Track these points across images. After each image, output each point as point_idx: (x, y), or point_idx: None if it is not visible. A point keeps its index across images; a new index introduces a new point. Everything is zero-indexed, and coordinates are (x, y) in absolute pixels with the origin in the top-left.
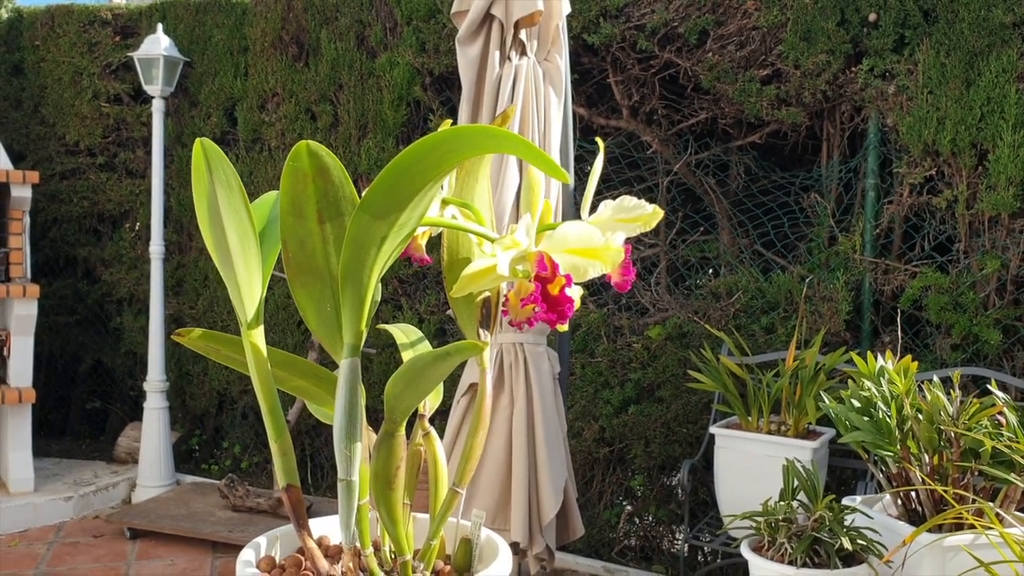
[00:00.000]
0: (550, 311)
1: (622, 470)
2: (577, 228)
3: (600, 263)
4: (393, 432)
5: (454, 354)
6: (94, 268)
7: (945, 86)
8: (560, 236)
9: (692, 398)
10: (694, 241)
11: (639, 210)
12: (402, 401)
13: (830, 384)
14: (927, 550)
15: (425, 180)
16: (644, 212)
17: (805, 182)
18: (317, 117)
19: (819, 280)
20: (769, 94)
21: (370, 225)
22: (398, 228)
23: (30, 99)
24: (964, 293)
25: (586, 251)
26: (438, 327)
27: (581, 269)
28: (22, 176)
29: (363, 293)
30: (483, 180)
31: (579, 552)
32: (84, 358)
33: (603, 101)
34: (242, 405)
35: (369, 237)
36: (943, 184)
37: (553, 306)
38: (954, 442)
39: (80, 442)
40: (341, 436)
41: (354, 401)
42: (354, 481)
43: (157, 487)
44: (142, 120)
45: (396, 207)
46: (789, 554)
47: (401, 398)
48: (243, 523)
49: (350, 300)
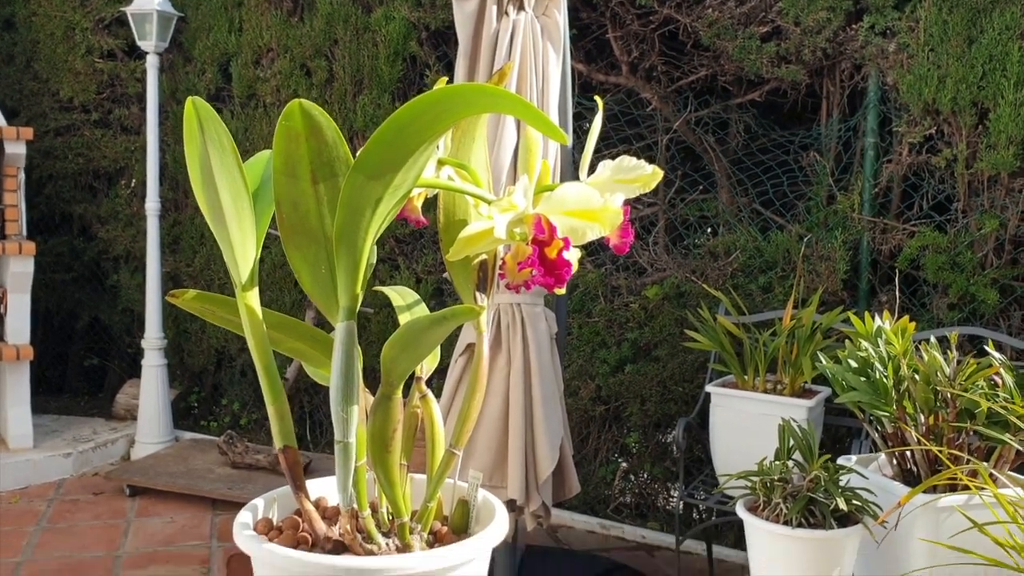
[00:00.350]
0: (547, 275)
1: (618, 428)
2: (576, 189)
3: (599, 225)
4: (390, 395)
5: (450, 319)
6: (90, 225)
7: (947, 43)
8: (558, 198)
9: (688, 357)
10: (693, 200)
11: (638, 170)
12: (399, 365)
13: (827, 343)
14: (921, 510)
15: (420, 140)
16: (643, 173)
17: (804, 141)
18: (312, 73)
19: (817, 239)
20: (769, 51)
21: (364, 186)
22: (393, 189)
23: (22, 54)
24: (962, 252)
25: (584, 213)
26: (435, 287)
27: (579, 231)
28: (16, 132)
29: (358, 256)
30: (480, 140)
31: (575, 509)
32: (81, 315)
33: (602, 57)
34: (240, 363)
35: (364, 199)
36: (943, 143)
37: (550, 269)
38: (950, 402)
39: (78, 399)
40: (338, 399)
41: (350, 364)
42: (351, 443)
43: (156, 444)
44: (136, 76)
45: (391, 168)
46: (784, 514)
47: (397, 362)
48: (242, 480)
49: (345, 263)
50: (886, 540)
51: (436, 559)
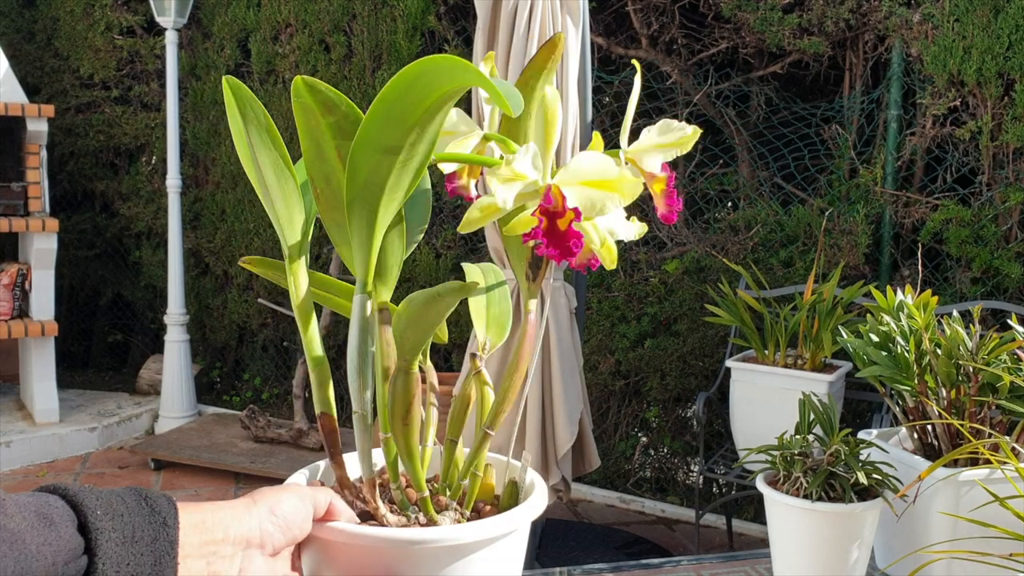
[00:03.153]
0: (553, 246)
1: (637, 402)
2: (591, 158)
3: (618, 195)
4: (406, 369)
5: (445, 295)
6: (112, 202)
7: (972, 14)
8: (574, 168)
9: (708, 332)
10: (713, 174)
11: (680, 132)
12: (407, 340)
13: (848, 318)
14: (942, 484)
15: (416, 116)
16: (684, 135)
17: (826, 113)
18: (331, 48)
19: (839, 213)
20: (791, 23)
21: (371, 161)
22: (400, 164)
23: (43, 31)
24: (986, 226)
25: (602, 183)
26: (455, 262)
27: (598, 203)
28: (37, 110)
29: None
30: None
31: (595, 483)
32: (104, 291)
33: (622, 30)
34: (262, 338)
35: (373, 171)
36: (967, 115)
37: (558, 241)
38: (972, 376)
39: (103, 374)
40: (353, 371)
41: (363, 338)
42: (367, 413)
43: (179, 418)
44: (156, 52)
45: (393, 144)
46: (804, 488)
47: (406, 337)
48: (264, 454)
49: (358, 237)
50: (906, 514)
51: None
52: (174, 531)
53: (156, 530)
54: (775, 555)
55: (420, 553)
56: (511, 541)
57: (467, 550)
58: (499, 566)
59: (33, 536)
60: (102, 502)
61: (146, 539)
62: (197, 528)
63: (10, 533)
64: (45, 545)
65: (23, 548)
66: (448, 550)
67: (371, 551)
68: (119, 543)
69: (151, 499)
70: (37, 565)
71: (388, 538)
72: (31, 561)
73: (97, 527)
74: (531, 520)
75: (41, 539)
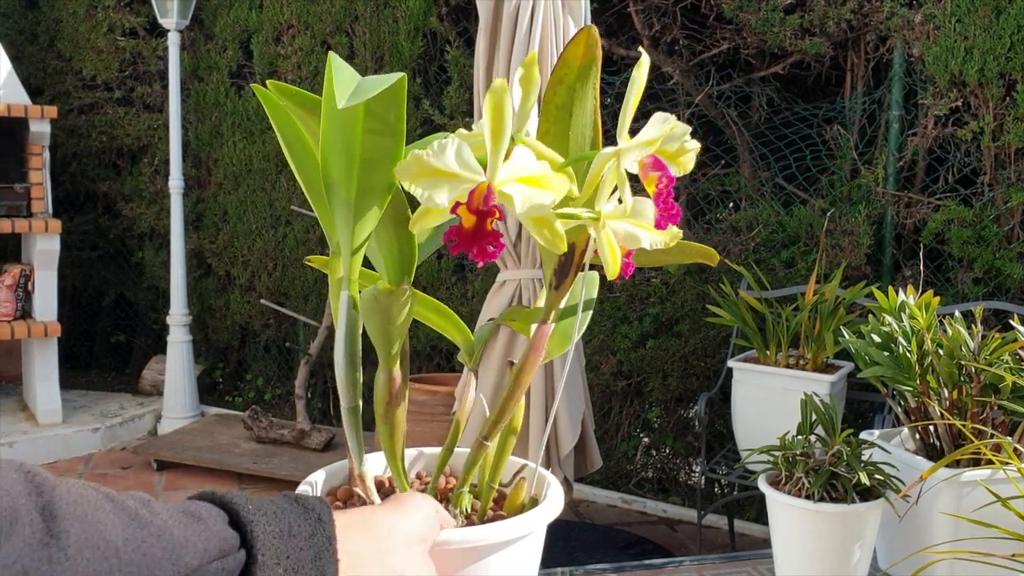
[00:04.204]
0: (475, 246)
1: (639, 403)
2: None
3: (549, 191)
4: (384, 369)
5: (381, 299)
6: (114, 203)
7: (974, 14)
8: (516, 164)
9: (710, 332)
10: (715, 174)
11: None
12: (378, 345)
13: (849, 318)
14: (944, 485)
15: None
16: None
17: (828, 114)
18: (332, 49)
19: (840, 213)
20: (792, 23)
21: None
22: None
23: (45, 33)
24: (987, 226)
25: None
26: (456, 263)
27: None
28: (40, 111)
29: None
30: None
31: (597, 484)
32: (107, 292)
33: (623, 31)
34: (264, 339)
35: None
36: (969, 115)
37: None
38: (974, 377)
39: (105, 375)
40: (342, 364)
41: (351, 333)
42: (357, 407)
43: (182, 418)
44: (158, 54)
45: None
46: (806, 488)
47: (376, 342)
48: (267, 454)
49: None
50: (908, 514)
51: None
52: (330, 527)
53: (312, 526)
54: (777, 555)
55: (438, 554)
56: (528, 543)
57: (484, 552)
58: (516, 567)
59: (180, 530)
60: (252, 502)
61: (303, 534)
62: (357, 526)
63: (157, 528)
64: (194, 535)
65: (171, 539)
66: (464, 552)
67: None
68: (276, 536)
69: (303, 499)
70: (186, 552)
71: None
72: (179, 549)
73: (251, 520)
74: (547, 522)
75: (189, 531)
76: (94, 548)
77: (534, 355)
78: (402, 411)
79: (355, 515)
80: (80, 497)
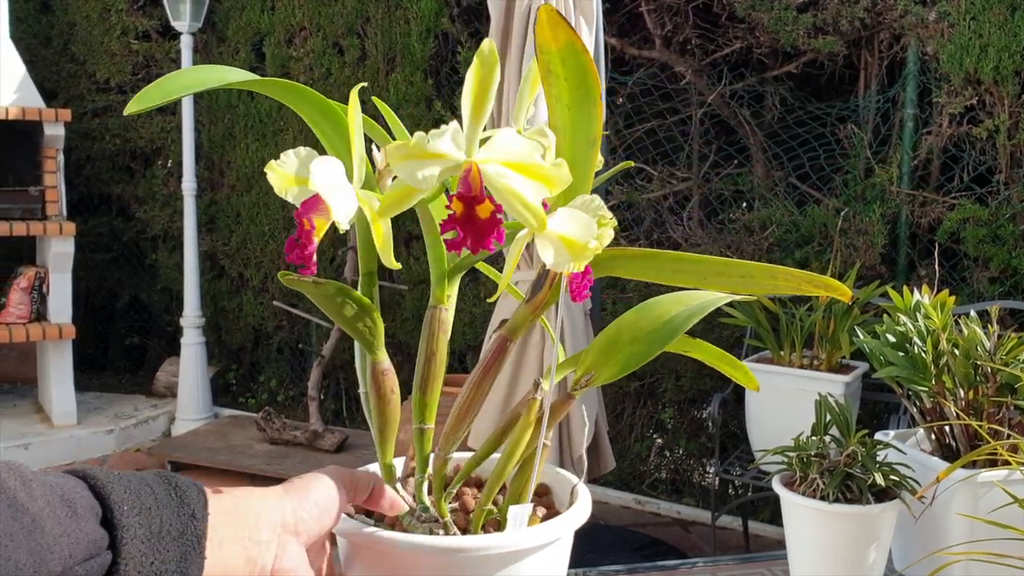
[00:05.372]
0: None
1: (652, 404)
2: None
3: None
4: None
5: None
6: (128, 205)
7: (989, 12)
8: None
9: (724, 333)
10: (727, 174)
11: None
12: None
13: (864, 318)
14: (960, 486)
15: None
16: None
17: (841, 113)
18: (344, 51)
19: (854, 213)
20: (805, 22)
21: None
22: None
23: (59, 36)
24: (1003, 225)
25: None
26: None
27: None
28: (54, 114)
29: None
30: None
31: (610, 485)
32: (121, 294)
33: (635, 31)
34: (277, 340)
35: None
36: (984, 114)
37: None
38: (990, 377)
39: (120, 377)
40: (360, 353)
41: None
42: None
43: (196, 420)
44: (171, 56)
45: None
46: (821, 489)
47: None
48: (280, 456)
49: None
50: (924, 515)
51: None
52: (202, 523)
53: (184, 523)
54: (792, 557)
55: (462, 561)
56: (554, 550)
57: (510, 559)
58: (548, 569)
59: (53, 525)
60: (130, 494)
61: (173, 533)
62: (229, 514)
63: (31, 518)
64: (64, 536)
65: (40, 537)
66: (485, 559)
67: (411, 557)
68: (144, 540)
69: (180, 488)
70: (51, 557)
71: (425, 546)
72: (45, 553)
73: (123, 523)
74: (575, 528)
75: (60, 529)
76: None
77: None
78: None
79: (229, 500)
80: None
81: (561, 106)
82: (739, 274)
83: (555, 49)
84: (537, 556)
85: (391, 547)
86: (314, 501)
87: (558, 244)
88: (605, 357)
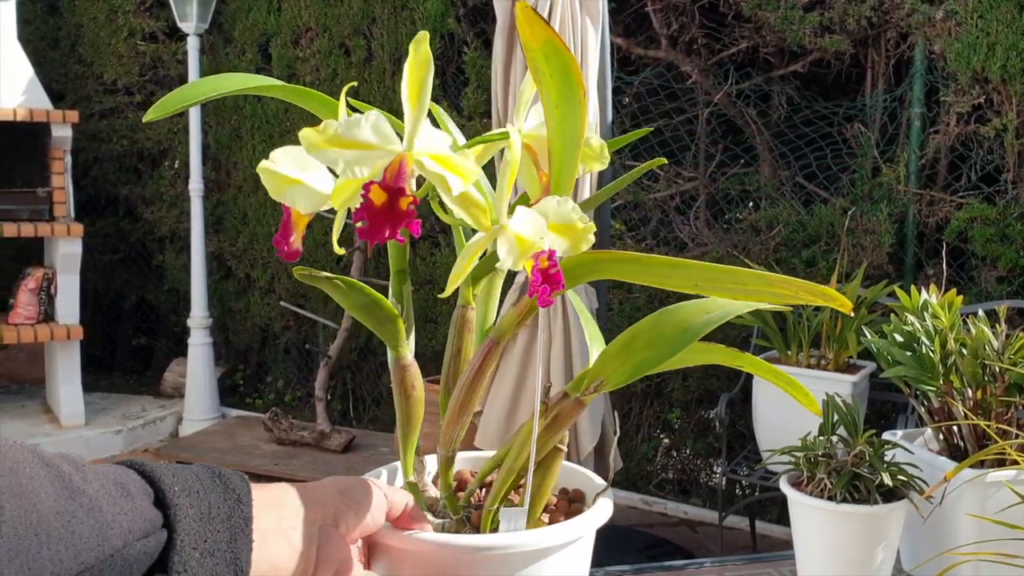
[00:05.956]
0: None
1: (659, 404)
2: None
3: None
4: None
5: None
6: (135, 206)
7: (996, 10)
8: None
9: (731, 332)
10: (734, 174)
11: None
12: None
13: (871, 318)
14: (968, 486)
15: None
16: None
17: (848, 112)
18: (351, 52)
19: (862, 212)
20: (812, 21)
21: None
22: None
23: (67, 38)
24: (1011, 224)
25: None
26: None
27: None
28: (62, 115)
29: None
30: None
31: (617, 485)
32: (129, 295)
33: (641, 30)
34: (284, 340)
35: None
36: (992, 112)
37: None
38: (999, 376)
39: (127, 377)
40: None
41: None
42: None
43: (203, 421)
44: (177, 58)
45: None
46: (829, 489)
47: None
48: (287, 456)
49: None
50: (932, 515)
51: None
52: (248, 508)
53: (231, 507)
54: (799, 557)
55: (487, 559)
56: (577, 548)
57: (534, 556)
58: (571, 568)
59: (110, 505)
60: (178, 479)
61: (221, 515)
62: (271, 505)
63: (88, 499)
64: (121, 514)
65: (99, 515)
66: (510, 557)
67: (437, 554)
68: (196, 519)
69: (225, 476)
70: (112, 532)
71: (452, 544)
72: (106, 529)
73: (175, 502)
74: (597, 527)
75: (117, 508)
76: (27, 524)
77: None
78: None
79: (271, 492)
80: (16, 464)
81: (550, 103)
82: (731, 280)
83: (537, 46)
84: (560, 554)
85: (417, 544)
86: (353, 498)
87: (512, 242)
88: (617, 362)
